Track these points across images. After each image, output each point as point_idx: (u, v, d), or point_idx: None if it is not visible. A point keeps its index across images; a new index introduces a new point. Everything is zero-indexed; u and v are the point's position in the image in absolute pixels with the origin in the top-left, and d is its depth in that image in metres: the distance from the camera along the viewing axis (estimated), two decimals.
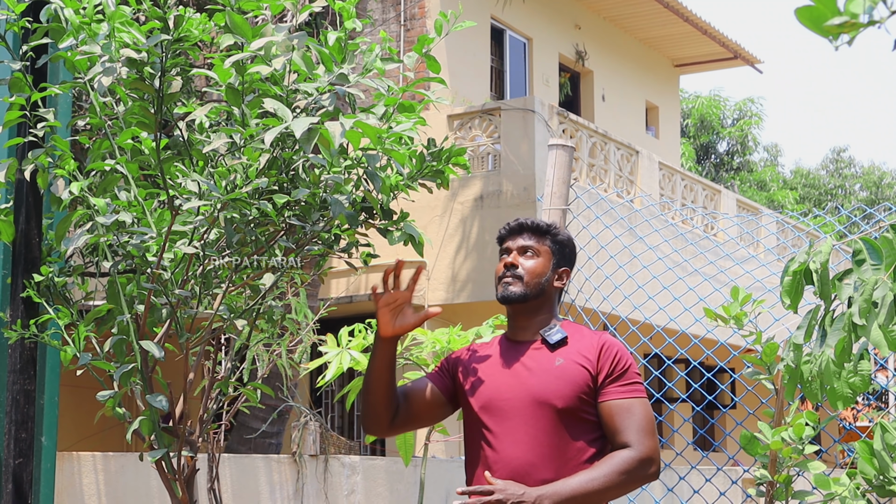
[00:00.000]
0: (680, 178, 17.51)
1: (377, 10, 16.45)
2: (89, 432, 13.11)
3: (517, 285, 3.54)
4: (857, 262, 2.82)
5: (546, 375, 3.43)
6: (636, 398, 3.42)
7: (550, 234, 3.63)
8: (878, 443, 4.03)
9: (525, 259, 3.58)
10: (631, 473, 3.33)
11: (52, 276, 4.61)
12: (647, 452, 3.36)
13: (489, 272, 13.96)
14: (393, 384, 3.55)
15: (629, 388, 3.43)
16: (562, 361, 3.45)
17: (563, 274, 3.63)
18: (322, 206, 4.18)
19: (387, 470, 10.56)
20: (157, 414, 4.26)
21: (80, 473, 9.40)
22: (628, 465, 3.33)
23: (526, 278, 3.54)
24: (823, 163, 44.29)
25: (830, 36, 1.42)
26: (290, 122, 3.65)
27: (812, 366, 3.28)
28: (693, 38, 22.09)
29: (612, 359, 3.45)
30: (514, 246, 3.61)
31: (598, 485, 3.30)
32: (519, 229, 3.63)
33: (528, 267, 3.56)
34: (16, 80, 4.36)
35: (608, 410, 3.41)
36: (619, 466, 3.33)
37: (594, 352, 3.46)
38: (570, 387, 3.41)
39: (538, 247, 3.60)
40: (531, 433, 3.40)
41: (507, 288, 3.54)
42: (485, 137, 14.81)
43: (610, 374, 3.43)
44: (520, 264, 3.56)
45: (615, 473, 3.32)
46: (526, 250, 3.59)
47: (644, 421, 3.40)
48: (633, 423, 3.39)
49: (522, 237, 3.61)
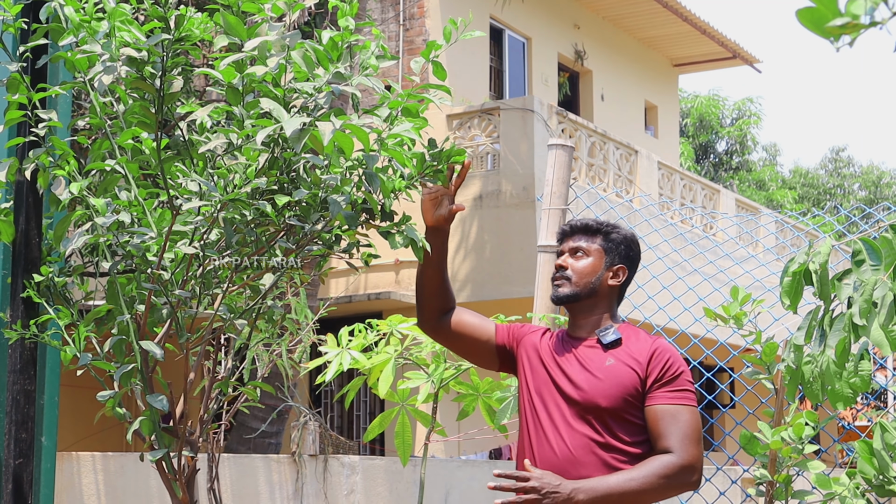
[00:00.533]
0: (679, 177, 17.51)
1: (376, 10, 16.45)
2: (88, 432, 13.11)
3: (566, 286, 3.59)
4: (857, 263, 2.83)
5: (595, 375, 3.46)
6: (684, 405, 3.42)
7: (602, 232, 3.66)
8: (877, 442, 4.03)
9: (575, 260, 3.62)
10: (670, 479, 3.32)
11: (52, 277, 4.61)
12: (689, 460, 3.36)
13: (488, 272, 13.96)
14: (442, 275, 3.81)
15: (677, 394, 3.43)
16: (612, 362, 3.47)
17: (618, 272, 3.64)
18: (322, 206, 4.18)
19: (386, 469, 10.57)
20: (157, 414, 4.26)
21: (80, 473, 9.41)
22: (668, 470, 3.32)
23: (574, 279, 3.59)
24: (822, 162, 44.30)
25: (832, 37, 1.42)
26: (283, 122, 3.66)
27: (813, 366, 3.28)
28: (692, 37, 22.10)
29: (662, 364, 3.46)
30: (566, 248, 3.66)
31: (635, 485, 3.29)
32: (571, 231, 3.68)
33: (577, 268, 3.60)
34: (14, 80, 4.36)
35: (654, 415, 3.41)
36: (659, 470, 3.32)
37: (645, 355, 3.47)
38: (618, 388, 3.42)
39: (588, 247, 3.63)
40: (575, 429, 3.43)
41: (557, 289, 3.61)
42: (484, 137, 14.82)
43: (659, 379, 3.44)
44: (569, 265, 3.61)
45: (654, 476, 3.31)
46: (576, 251, 3.63)
47: (689, 428, 3.40)
48: (678, 429, 3.38)
49: (574, 238, 3.67)
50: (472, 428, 12.34)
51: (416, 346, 5.00)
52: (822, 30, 1.42)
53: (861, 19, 1.40)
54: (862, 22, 1.40)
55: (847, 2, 1.43)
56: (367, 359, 4.85)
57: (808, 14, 1.42)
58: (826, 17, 1.42)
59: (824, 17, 1.42)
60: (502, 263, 14.10)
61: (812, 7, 1.42)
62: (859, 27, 1.40)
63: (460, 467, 11.39)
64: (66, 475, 9.32)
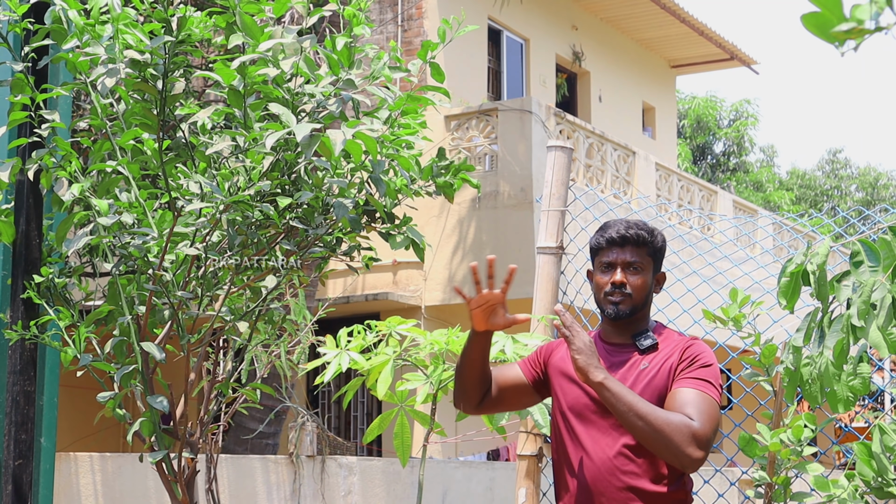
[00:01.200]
0: (676, 178, 17.52)
1: (374, 11, 16.44)
2: (86, 433, 13.11)
3: (627, 304, 3.51)
4: (856, 264, 2.83)
5: (631, 381, 3.44)
6: (704, 392, 3.36)
7: (651, 244, 3.57)
8: (876, 445, 4.04)
9: (631, 275, 3.52)
10: (674, 434, 3.23)
11: (52, 277, 4.61)
12: (702, 431, 3.26)
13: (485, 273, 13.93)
14: (485, 370, 3.58)
15: (701, 382, 3.38)
16: (647, 366, 3.46)
17: (660, 279, 3.62)
18: (324, 209, 4.18)
19: (384, 471, 10.56)
20: (157, 415, 4.27)
21: (78, 474, 9.40)
22: (679, 426, 3.25)
23: (635, 296, 3.51)
24: (819, 164, 44.31)
25: (837, 42, 1.42)
26: (293, 127, 3.66)
27: (812, 368, 3.28)
28: (689, 39, 22.10)
29: (690, 357, 3.43)
30: (619, 261, 3.53)
31: (639, 411, 3.24)
32: (622, 241, 3.54)
33: (637, 285, 3.52)
34: (17, 81, 4.37)
35: (672, 395, 3.37)
36: (671, 418, 3.26)
37: (678, 354, 3.46)
38: (653, 392, 3.41)
39: (642, 261, 3.54)
40: (615, 436, 3.42)
41: (618, 308, 3.50)
42: (482, 138, 14.81)
43: (686, 367, 3.41)
44: (627, 282, 3.51)
45: (662, 420, 3.24)
46: (630, 265, 3.53)
47: (709, 408, 3.33)
48: (697, 407, 3.32)
49: (626, 251, 3.54)
50: (469, 429, 12.35)
51: (414, 348, 4.99)
52: (827, 35, 1.42)
53: (866, 24, 1.40)
54: (867, 27, 1.40)
55: (852, 7, 1.43)
56: (366, 360, 4.85)
57: (813, 19, 1.43)
58: (831, 23, 1.42)
59: (829, 23, 1.42)
60: (500, 265, 14.09)
61: (817, 12, 1.42)
62: (864, 32, 1.40)
63: (458, 468, 11.39)
64: (64, 476, 9.32)
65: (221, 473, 9.51)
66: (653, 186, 16.71)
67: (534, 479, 5.03)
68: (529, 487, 5.02)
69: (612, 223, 3.62)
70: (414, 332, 4.86)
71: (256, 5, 4.09)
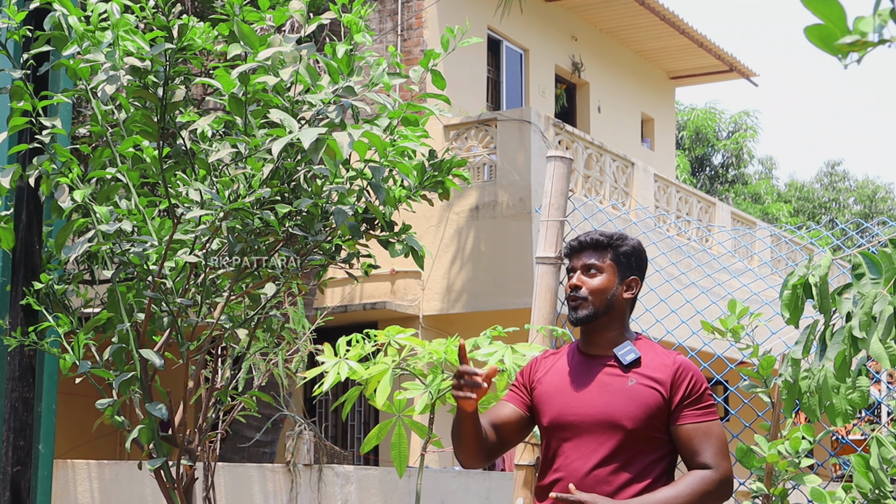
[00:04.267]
0: (675, 190, 17.53)
1: (374, 20, 16.46)
2: (84, 440, 13.09)
3: (584, 307, 3.53)
4: (857, 276, 2.84)
5: (618, 396, 3.44)
6: (713, 421, 3.45)
7: (612, 246, 3.59)
8: (873, 457, 4.04)
9: (589, 278, 3.55)
10: (711, 494, 3.37)
11: (51, 284, 4.61)
12: (726, 474, 3.41)
13: (484, 282, 13.97)
14: (480, 432, 3.54)
15: (705, 411, 3.45)
16: (634, 382, 3.45)
17: (631, 284, 3.60)
18: (324, 216, 4.19)
19: (381, 480, 10.55)
20: (155, 422, 4.26)
21: (75, 481, 9.39)
22: (710, 485, 3.38)
23: (591, 298, 3.52)
24: (818, 176, 44.33)
25: (840, 55, 1.42)
26: (298, 132, 3.67)
27: (810, 381, 3.29)
28: (689, 50, 22.12)
29: (687, 382, 3.45)
30: (578, 265, 3.58)
31: (681, 502, 3.34)
32: (580, 247, 3.59)
33: (592, 286, 3.53)
34: (17, 88, 4.37)
35: (686, 433, 3.43)
36: (700, 486, 3.37)
37: (668, 374, 3.46)
38: (642, 409, 3.42)
39: (601, 263, 3.56)
40: (600, 451, 3.43)
41: (576, 311, 3.53)
42: (481, 148, 14.82)
43: (686, 398, 3.44)
44: (583, 284, 3.54)
45: (697, 494, 3.36)
46: (589, 269, 3.56)
47: (721, 443, 3.44)
48: (711, 445, 3.42)
49: (585, 255, 3.58)
50: None
51: (412, 357, 4.99)
52: (830, 47, 1.42)
53: (869, 37, 1.40)
54: (870, 39, 1.41)
55: (855, 19, 1.43)
56: (365, 369, 4.85)
57: (816, 31, 1.43)
58: (835, 35, 1.42)
59: (833, 35, 1.42)
60: (498, 274, 14.10)
61: (821, 24, 1.43)
62: (868, 45, 1.41)
63: (455, 478, 11.39)
64: (61, 483, 9.31)
65: (219, 481, 9.50)
66: (651, 198, 16.71)
67: (531, 488, 5.02)
68: (527, 497, 5.01)
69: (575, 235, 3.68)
70: (412, 342, 4.86)
71: (257, 14, 4.09)
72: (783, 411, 4.00)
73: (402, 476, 4.93)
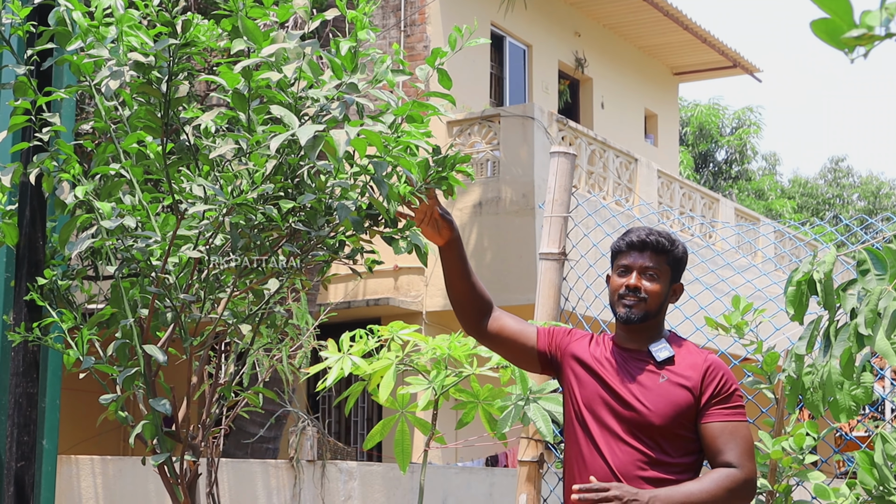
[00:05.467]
0: (678, 186, 17.52)
1: (377, 16, 16.45)
2: (87, 436, 13.10)
3: (639, 308, 3.52)
4: (862, 273, 2.83)
5: (649, 393, 3.46)
6: (740, 421, 3.45)
7: (671, 252, 3.57)
8: (877, 454, 4.03)
9: (647, 281, 3.53)
10: (735, 493, 3.37)
11: (55, 280, 4.61)
12: (751, 474, 3.40)
13: (488, 278, 13.97)
14: (471, 282, 3.64)
15: (733, 411, 3.46)
16: (665, 379, 3.46)
17: (677, 289, 3.61)
18: (327, 212, 4.18)
19: (384, 476, 10.56)
20: (159, 418, 4.26)
21: (79, 477, 9.40)
22: (735, 483, 3.37)
23: (649, 301, 3.52)
24: (821, 172, 44.29)
25: (846, 49, 1.42)
26: (296, 129, 3.66)
27: (814, 377, 3.28)
28: (692, 46, 22.10)
29: (717, 381, 3.45)
30: (636, 265, 3.54)
31: (706, 497, 3.34)
32: (641, 246, 3.55)
33: (652, 290, 3.52)
34: (20, 84, 4.37)
35: (712, 432, 3.43)
36: (727, 483, 3.37)
37: (699, 373, 3.46)
38: (671, 407, 3.43)
39: (659, 268, 3.54)
40: (626, 444, 3.44)
41: (630, 311, 3.52)
42: (484, 144, 14.82)
43: (715, 396, 3.45)
44: (642, 287, 3.52)
45: (723, 490, 3.36)
46: (647, 270, 3.54)
47: (748, 444, 3.44)
48: (738, 445, 3.42)
49: (646, 256, 3.55)
50: (470, 433, 12.34)
51: (416, 353, 4.99)
52: (836, 41, 1.42)
53: (876, 31, 1.40)
54: (877, 33, 1.40)
55: (862, 13, 1.43)
56: (368, 365, 4.85)
57: (822, 25, 1.42)
58: (841, 29, 1.42)
59: (839, 29, 1.42)
60: (502, 270, 14.11)
61: (827, 18, 1.42)
62: (874, 39, 1.40)
63: (458, 474, 11.39)
64: (65, 478, 9.32)
65: (222, 477, 9.51)
66: (655, 194, 16.71)
67: (535, 484, 5.02)
68: (530, 493, 5.01)
69: (635, 229, 3.63)
70: (416, 337, 4.86)
71: (261, 10, 4.09)
72: (787, 407, 4.00)
73: (405, 472, 4.93)
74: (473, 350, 4.74)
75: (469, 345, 4.83)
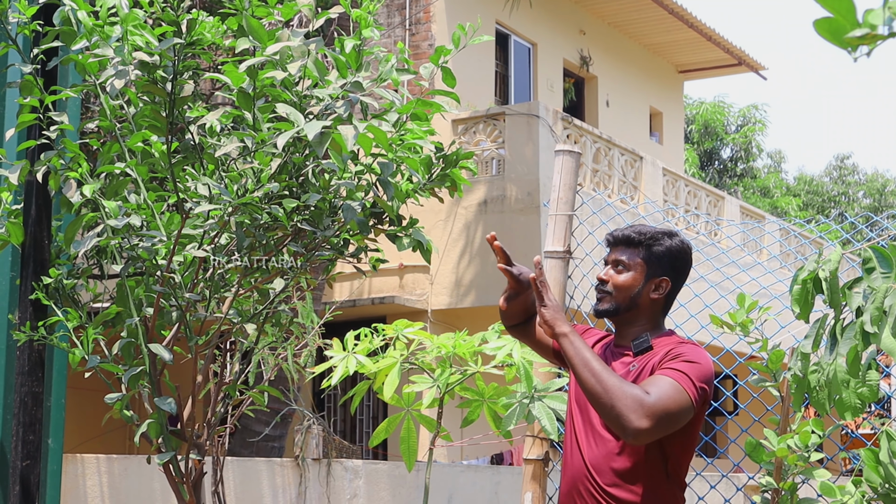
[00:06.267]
0: (683, 184, 17.51)
1: (382, 15, 16.45)
2: (93, 434, 13.12)
3: (606, 301, 3.55)
4: (867, 271, 2.83)
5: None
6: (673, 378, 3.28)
7: (643, 245, 3.56)
8: (883, 451, 4.03)
9: (616, 273, 3.55)
10: (623, 398, 3.17)
11: (60, 279, 4.62)
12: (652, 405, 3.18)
13: (493, 277, 13.95)
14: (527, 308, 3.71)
15: (672, 371, 3.31)
16: (636, 367, 3.44)
17: (661, 284, 3.57)
18: (332, 211, 4.19)
19: (389, 474, 10.56)
20: (164, 417, 4.27)
21: (84, 475, 9.41)
22: (630, 393, 3.18)
23: (615, 293, 3.54)
24: (827, 170, 44.24)
25: (849, 47, 1.42)
26: (303, 125, 3.67)
27: (819, 375, 3.28)
28: (697, 44, 22.09)
29: (673, 354, 3.38)
30: (609, 259, 3.60)
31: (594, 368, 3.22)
32: (614, 241, 3.60)
33: (618, 282, 3.54)
34: (27, 83, 4.37)
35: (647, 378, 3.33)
36: (624, 385, 3.20)
37: (664, 353, 3.42)
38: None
39: (629, 261, 3.55)
40: (601, 437, 3.44)
41: (598, 303, 3.58)
42: (489, 142, 14.82)
43: (663, 359, 3.38)
44: (609, 279, 3.55)
45: (614, 383, 3.19)
46: (617, 264, 3.57)
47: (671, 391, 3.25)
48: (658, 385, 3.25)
49: (617, 250, 3.59)
50: (475, 432, 12.35)
51: (421, 352, 5.00)
52: (839, 40, 1.42)
53: (879, 30, 1.40)
54: (880, 32, 1.40)
55: (865, 12, 1.43)
56: (373, 363, 4.85)
57: (825, 24, 1.42)
58: (844, 28, 1.42)
59: (842, 28, 1.42)
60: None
61: (830, 17, 1.42)
62: (878, 38, 1.40)
63: (463, 472, 11.39)
64: (71, 477, 9.33)
65: (227, 476, 9.51)
66: (660, 191, 16.70)
67: (540, 483, 5.02)
68: (535, 491, 5.01)
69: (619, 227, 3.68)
70: (421, 336, 4.86)
71: (266, 8, 4.09)
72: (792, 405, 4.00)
73: (411, 471, 4.93)
74: (478, 348, 4.75)
75: (474, 343, 4.83)
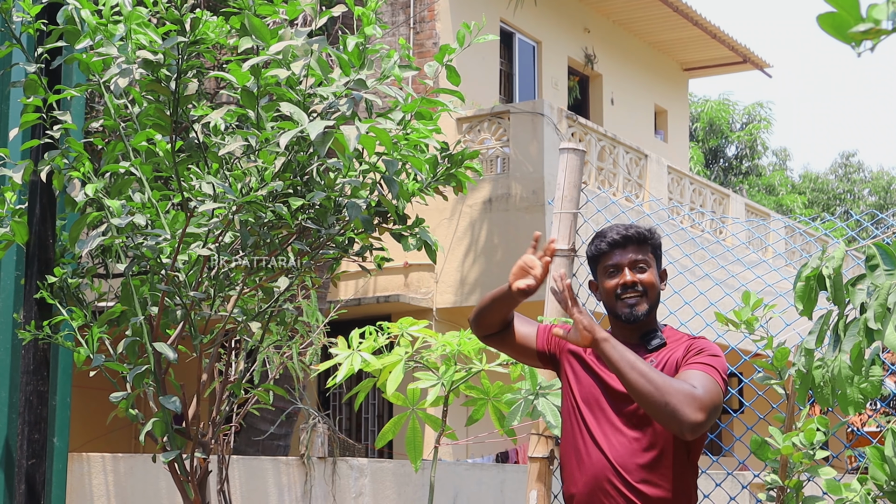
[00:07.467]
0: (688, 182, 17.50)
1: (386, 14, 16.45)
2: (98, 433, 13.13)
3: (643, 304, 3.48)
4: (871, 268, 2.82)
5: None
6: (708, 373, 3.29)
7: (651, 241, 3.54)
8: (889, 449, 4.02)
9: (640, 273, 3.48)
10: (675, 393, 3.16)
11: (65, 278, 4.62)
12: (702, 398, 3.18)
13: (497, 275, 13.95)
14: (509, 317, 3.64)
15: (704, 365, 3.32)
16: (654, 363, 3.42)
17: (663, 276, 3.58)
18: (337, 209, 4.19)
19: (395, 473, 10.56)
20: (169, 415, 4.27)
21: (90, 474, 9.42)
22: (680, 388, 3.18)
23: (649, 294, 3.48)
24: (832, 167, 44.19)
25: (853, 43, 1.41)
26: (306, 125, 3.67)
27: (824, 371, 3.28)
28: (702, 41, 22.07)
29: (697, 349, 3.38)
30: (625, 262, 3.49)
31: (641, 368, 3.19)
32: (624, 242, 3.50)
33: (648, 281, 3.48)
34: (31, 82, 4.38)
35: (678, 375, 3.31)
36: (672, 381, 3.20)
37: (685, 347, 3.42)
38: None
39: (646, 258, 3.50)
40: (624, 434, 3.41)
41: (634, 309, 3.47)
42: (493, 140, 14.81)
43: (690, 357, 3.36)
44: (639, 281, 3.47)
45: (663, 380, 3.18)
46: (637, 264, 3.49)
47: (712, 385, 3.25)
48: (700, 380, 3.24)
49: (630, 250, 3.50)
50: (480, 430, 12.35)
51: (426, 350, 4.99)
52: (843, 35, 1.41)
53: (883, 25, 1.40)
54: (884, 27, 1.40)
55: (868, 7, 1.42)
56: (378, 361, 4.85)
57: (829, 19, 1.42)
58: (848, 23, 1.41)
59: (846, 23, 1.41)
60: (511, 267, 14.08)
61: (833, 13, 1.42)
62: (881, 33, 1.40)
63: (468, 470, 11.40)
64: (76, 476, 9.34)
65: (233, 474, 9.52)
66: (665, 190, 16.69)
67: (545, 481, 5.02)
68: (540, 490, 5.01)
69: (606, 229, 3.59)
70: (425, 334, 4.86)
71: (270, 7, 4.09)
72: (797, 402, 3.99)
73: (417, 470, 4.93)
74: (483, 346, 4.75)
75: (478, 341, 4.83)
